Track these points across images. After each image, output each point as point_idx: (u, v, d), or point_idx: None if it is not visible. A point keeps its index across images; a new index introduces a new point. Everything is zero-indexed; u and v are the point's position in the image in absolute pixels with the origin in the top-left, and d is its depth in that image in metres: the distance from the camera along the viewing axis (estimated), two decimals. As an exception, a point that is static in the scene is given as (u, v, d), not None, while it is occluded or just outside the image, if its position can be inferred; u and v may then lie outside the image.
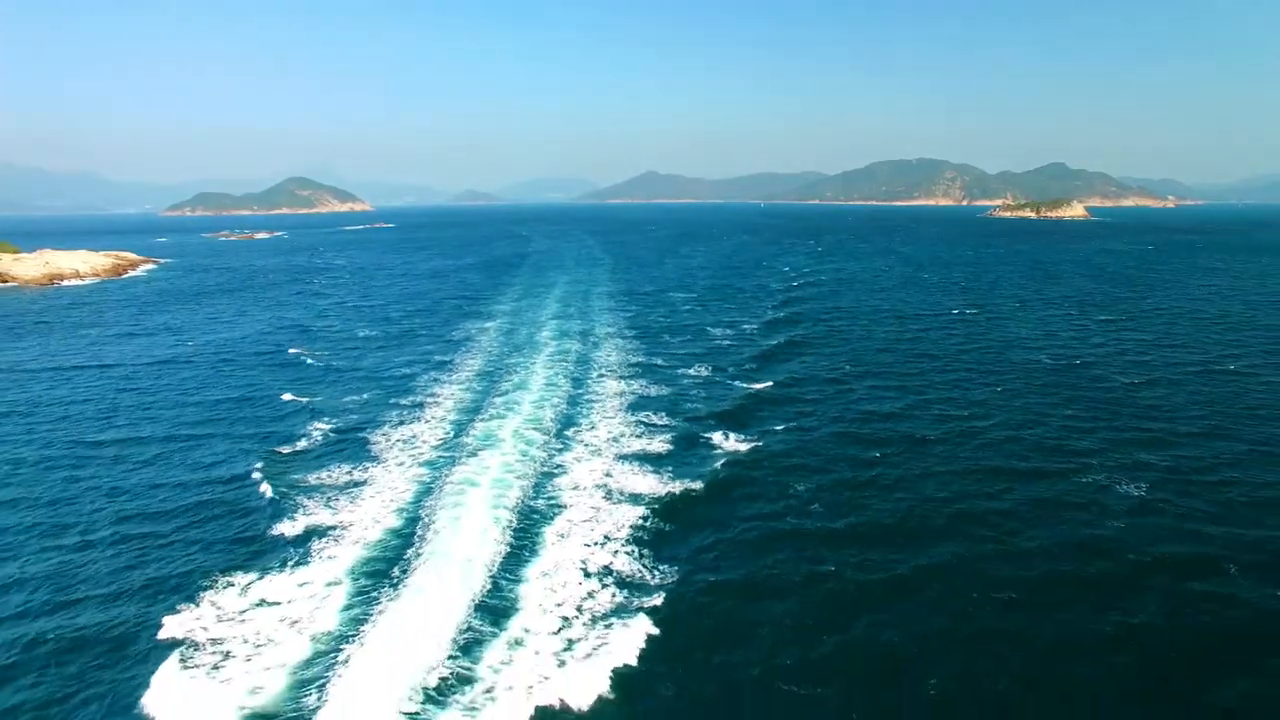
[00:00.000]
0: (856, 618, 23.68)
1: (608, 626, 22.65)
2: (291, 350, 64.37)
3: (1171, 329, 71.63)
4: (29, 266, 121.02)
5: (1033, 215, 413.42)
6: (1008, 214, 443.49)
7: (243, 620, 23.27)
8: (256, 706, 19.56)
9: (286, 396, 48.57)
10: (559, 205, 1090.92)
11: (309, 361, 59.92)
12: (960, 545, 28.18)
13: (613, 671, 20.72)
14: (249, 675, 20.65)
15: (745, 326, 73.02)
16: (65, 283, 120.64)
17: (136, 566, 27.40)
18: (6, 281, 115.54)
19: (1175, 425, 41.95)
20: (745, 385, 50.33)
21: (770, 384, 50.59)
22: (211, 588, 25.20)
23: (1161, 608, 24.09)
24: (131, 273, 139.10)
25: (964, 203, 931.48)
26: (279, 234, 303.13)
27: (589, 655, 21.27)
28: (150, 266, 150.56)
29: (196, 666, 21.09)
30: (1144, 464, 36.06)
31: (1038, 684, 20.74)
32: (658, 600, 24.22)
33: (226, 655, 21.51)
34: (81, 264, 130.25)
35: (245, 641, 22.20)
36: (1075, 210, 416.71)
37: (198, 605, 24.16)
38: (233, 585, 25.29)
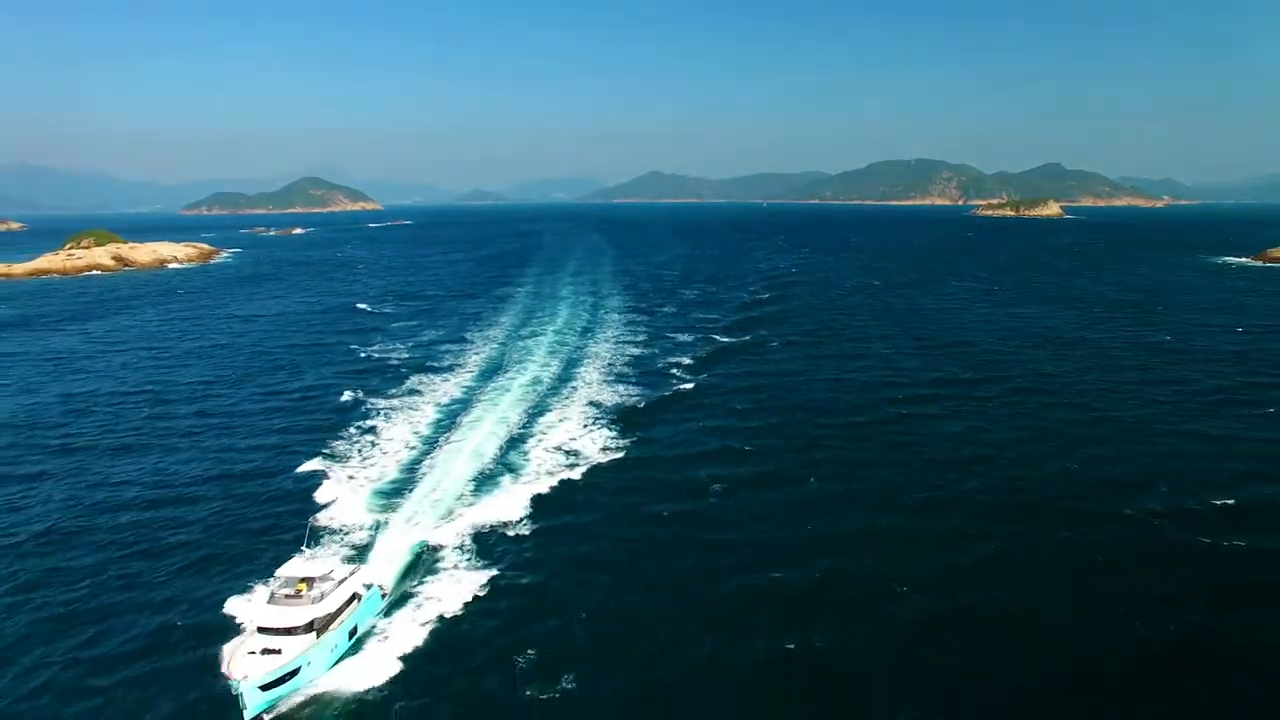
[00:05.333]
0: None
1: (603, 425, 49.81)
2: (381, 305, 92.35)
3: (1029, 298, 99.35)
4: (142, 254, 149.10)
5: (1012, 214, 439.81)
6: (990, 213, 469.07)
7: (380, 440, 50.41)
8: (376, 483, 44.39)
9: (393, 324, 76.45)
10: (565, 204, 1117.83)
11: (394, 311, 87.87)
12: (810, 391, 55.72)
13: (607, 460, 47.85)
14: (368, 469, 46.11)
15: (712, 290, 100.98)
16: (170, 266, 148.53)
17: (302, 408, 54.86)
18: (128, 265, 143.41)
19: (931, 341, 69.51)
20: (701, 317, 78.59)
21: (721, 321, 78.38)
22: (351, 421, 52.04)
23: (876, 416, 51.47)
24: (216, 260, 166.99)
25: (960, 202, 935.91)
26: (309, 230, 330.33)
27: (589, 440, 48.34)
28: (227, 255, 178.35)
29: (336, 458, 46.66)
30: (902, 344, 63.85)
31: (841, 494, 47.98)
32: (637, 404, 51.62)
33: (356, 455, 48.06)
34: (179, 253, 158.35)
35: (364, 456, 49.07)
36: (1051, 210, 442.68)
37: (349, 416, 51.07)
38: (375, 409, 52.29)
